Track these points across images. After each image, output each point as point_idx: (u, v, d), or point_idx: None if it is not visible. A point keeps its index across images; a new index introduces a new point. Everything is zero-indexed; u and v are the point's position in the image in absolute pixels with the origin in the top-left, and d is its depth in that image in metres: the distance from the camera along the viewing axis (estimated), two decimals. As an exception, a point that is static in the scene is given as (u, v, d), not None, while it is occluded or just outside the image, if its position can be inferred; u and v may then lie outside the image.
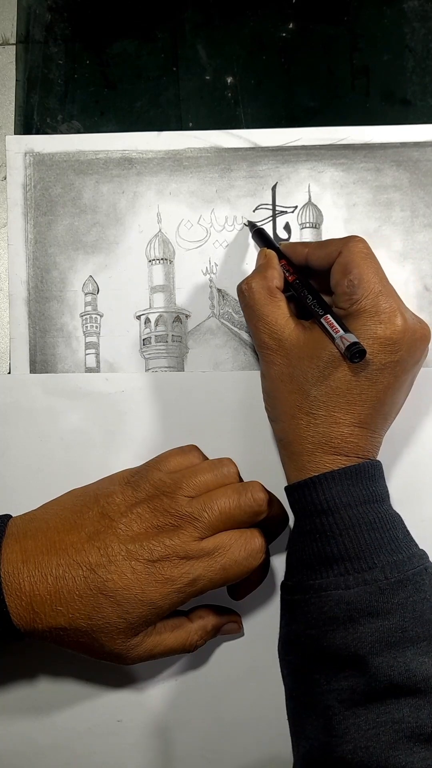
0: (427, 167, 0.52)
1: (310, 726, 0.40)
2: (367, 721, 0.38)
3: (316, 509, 0.42)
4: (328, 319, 0.43)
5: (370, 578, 0.40)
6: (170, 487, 0.43)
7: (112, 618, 0.41)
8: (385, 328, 0.43)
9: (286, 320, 0.46)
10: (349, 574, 0.40)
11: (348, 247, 0.45)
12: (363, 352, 0.42)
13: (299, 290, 0.47)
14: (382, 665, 0.39)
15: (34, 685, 0.49)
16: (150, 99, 0.54)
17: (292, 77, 0.54)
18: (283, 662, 0.44)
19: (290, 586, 0.43)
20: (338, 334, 0.42)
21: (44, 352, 0.52)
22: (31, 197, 0.52)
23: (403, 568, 0.41)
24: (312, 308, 0.45)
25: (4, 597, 0.40)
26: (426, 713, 0.38)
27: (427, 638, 0.40)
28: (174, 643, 0.44)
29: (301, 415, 0.44)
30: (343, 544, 0.41)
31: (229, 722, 0.49)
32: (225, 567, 0.42)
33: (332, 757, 0.39)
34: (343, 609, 0.40)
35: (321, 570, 0.41)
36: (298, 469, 0.44)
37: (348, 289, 0.44)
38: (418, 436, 0.50)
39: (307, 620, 0.41)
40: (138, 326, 0.52)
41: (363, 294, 0.43)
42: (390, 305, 0.43)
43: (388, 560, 0.40)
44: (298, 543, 0.43)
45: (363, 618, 0.39)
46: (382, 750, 0.37)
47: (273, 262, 0.48)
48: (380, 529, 0.41)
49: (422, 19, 0.54)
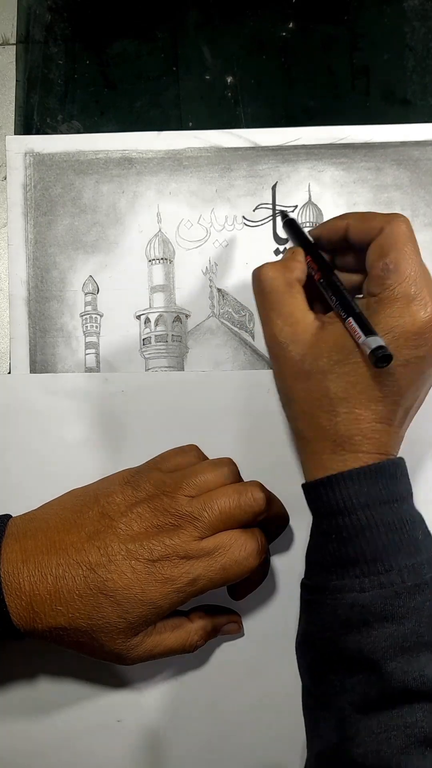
0: (428, 166, 0.52)
1: (324, 724, 0.40)
2: (380, 724, 0.38)
3: (332, 509, 0.41)
4: (350, 323, 0.41)
5: (386, 581, 0.39)
6: (170, 487, 0.43)
7: (112, 618, 0.41)
8: (412, 321, 0.41)
9: (303, 313, 0.44)
10: (365, 576, 0.39)
11: (391, 226, 0.42)
12: (389, 357, 0.39)
13: (325, 290, 0.44)
14: (396, 670, 0.38)
15: (34, 685, 0.49)
16: (150, 99, 0.54)
17: (292, 77, 0.54)
18: (301, 659, 0.43)
19: (309, 585, 0.42)
20: (360, 340, 0.40)
21: (44, 352, 0.52)
22: (31, 197, 0.52)
23: (421, 571, 0.39)
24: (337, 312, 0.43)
25: (4, 597, 0.40)
26: None
27: None
28: (174, 643, 0.44)
29: (320, 413, 0.42)
30: (359, 546, 0.40)
31: (229, 722, 0.49)
32: (225, 567, 0.42)
33: (344, 759, 0.38)
34: (357, 612, 0.39)
35: (337, 571, 0.40)
36: (316, 468, 0.42)
37: (383, 273, 0.42)
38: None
39: (323, 622, 0.40)
40: (138, 326, 0.52)
41: (397, 281, 0.41)
42: (422, 296, 0.41)
43: (405, 563, 0.39)
44: (316, 542, 0.42)
45: (377, 622, 0.39)
46: (394, 754, 0.37)
47: (298, 257, 0.46)
48: (399, 530, 0.40)
49: (422, 19, 0.54)
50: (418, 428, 0.45)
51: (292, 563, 0.49)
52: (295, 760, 0.48)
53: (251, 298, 0.51)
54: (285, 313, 0.44)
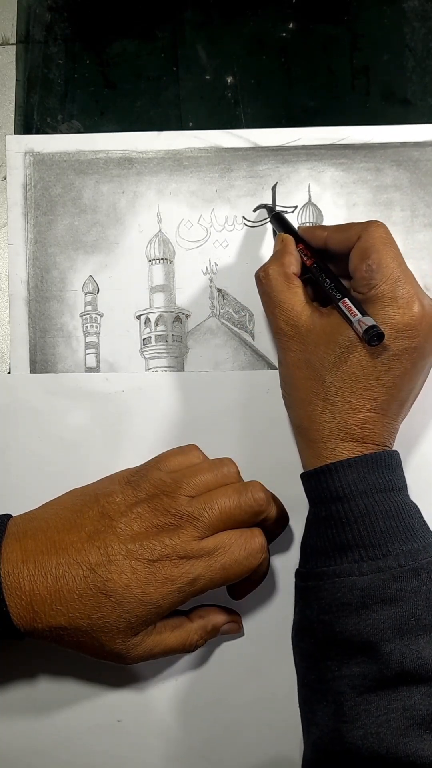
0: (427, 167, 0.52)
1: (321, 712, 0.40)
2: (378, 707, 0.38)
3: (331, 496, 0.42)
4: (345, 303, 0.43)
5: (384, 565, 0.40)
6: (170, 487, 0.43)
7: (112, 617, 0.41)
8: (402, 314, 0.42)
9: (302, 306, 0.46)
10: (363, 561, 0.40)
11: (368, 231, 0.45)
12: (381, 336, 0.41)
13: (317, 274, 0.46)
14: (395, 652, 0.39)
15: (34, 685, 0.49)
16: (150, 99, 0.54)
17: (292, 77, 0.54)
18: (296, 649, 0.44)
19: (304, 572, 0.43)
20: (356, 318, 0.42)
21: (44, 352, 0.52)
22: (31, 197, 0.52)
23: (417, 556, 0.41)
24: (330, 292, 0.45)
25: (4, 596, 0.40)
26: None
27: None
28: (174, 643, 0.44)
29: (318, 401, 0.43)
30: (357, 531, 0.41)
31: (229, 722, 0.49)
32: (225, 567, 0.42)
33: (342, 743, 0.39)
34: (356, 595, 0.40)
35: (335, 556, 0.41)
36: (314, 456, 0.44)
37: (366, 273, 0.43)
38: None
39: (321, 606, 0.41)
40: (138, 326, 0.52)
41: (381, 279, 0.43)
42: (408, 291, 0.43)
43: (402, 548, 0.40)
44: (313, 530, 0.43)
45: (376, 605, 0.39)
46: (393, 736, 0.38)
47: (290, 247, 0.48)
48: (396, 517, 0.41)
49: (422, 19, 0.54)
50: (410, 421, 0.46)
51: (292, 563, 0.49)
52: (295, 760, 0.48)
53: (251, 298, 0.51)
54: (287, 307, 0.46)
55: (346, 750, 0.39)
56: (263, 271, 0.47)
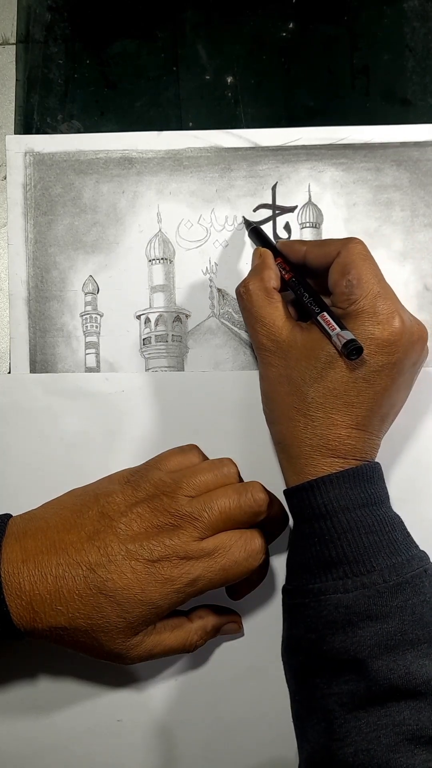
0: (428, 167, 0.52)
1: (312, 729, 0.41)
2: (368, 724, 0.38)
3: (314, 513, 0.42)
4: (324, 317, 0.43)
5: (369, 582, 0.40)
6: (170, 487, 0.43)
7: (112, 618, 0.41)
8: (382, 330, 0.42)
9: (283, 322, 0.46)
10: (348, 577, 0.40)
11: (347, 248, 0.45)
12: (360, 350, 0.41)
13: (296, 288, 0.47)
14: (382, 668, 0.39)
15: (34, 685, 0.49)
16: (150, 99, 0.54)
17: (292, 77, 0.54)
18: (286, 666, 0.44)
19: (290, 590, 0.43)
20: (335, 332, 0.42)
21: (44, 351, 0.52)
22: (31, 197, 0.52)
23: (401, 571, 0.41)
24: (309, 306, 0.45)
25: (5, 597, 0.40)
26: (426, 716, 0.38)
27: (427, 641, 0.40)
28: (174, 643, 0.44)
29: (299, 417, 0.44)
30: (341, 548, 0.41)
31: (230, 722, 0.49)
32: (225, 567, 0.42)
33: (334, 761, 0.39)
34: (342, 613, 0.40)
35: (320, 574, 0.41)
36: (296, 473, 0.44)
37: (346, 289, 0.44)
38: (418, 437, 0.50)
39: (307, 624, 0.41)
40: (138, 326, 0.52)
41: (361, 294, 0.43)
42: (388, 306, 0.43)
43: (386, 563, 0.40)
44: (297, 547, 0.43)
45: (362, 622, 0.39)
46: (383, 753, 0.38)
47: (268, 261, 0.48)
48: (379, 532, 0.41)
49: (422, 19, 0.54)
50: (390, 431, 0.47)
51: (292, 563, 0.49)
52: (294, 760, 0.48)
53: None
54: (267, 322, 0.46)
55: (338, 767, 0.39)
56: (243, 287, 0.47)
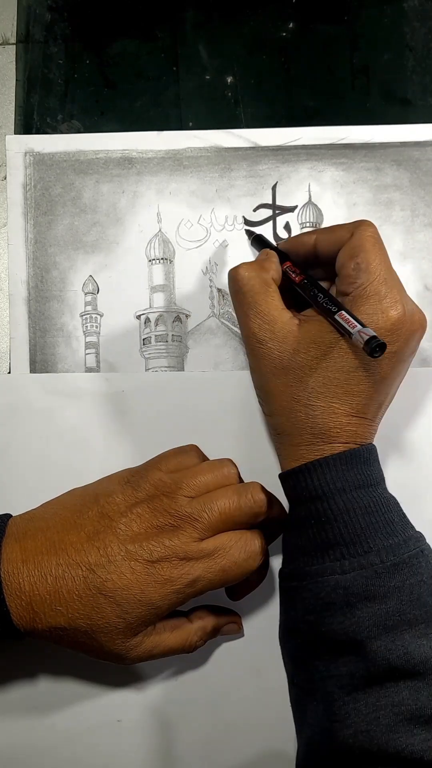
0: (428, 167, 0.52)
1: (312, 712, 0.41)
2: (367, 705, 0.38)
3: (310, 495, 0.42)
4: (343, 315, 0.42)
5: (366, 562, 0.40)
6: (170, 487, 0.43)
7: (112, 618, 0.41)
8: (385, 318, 0.42)
9: (279, 312, 0.45)
10: (345, 558, 0.40)
11: (360, 229, 0.45)
12: (383, 346, 0.40)
13: (308, 290, 0.46)
14: (381, 649, 0.39)
15: (34, 685, 0.49)
16: (150, 99, 0.54)
17: (292, 77, 0.54)
18: (284, 649, 0.44)
19: (287, 572, 0.43)
20: (356, 329, 0.41)
21: (44, 351, 0.52)
22: (31, 197, 0.52)
23: (398, 551, 0.41)
24: (325, 306, 0.44)
25: (5, 597, 0.40)
26: (425, 695, 0.38)
27: (425, 620, 0.40)
28: (174, 644, 0.44)
29: (300, 407, 0.43)
30: (338, 529, 0.41)
31: (230, 722, 0.49)
32: (224, 568, 0.42)
33: (334, 742, 0.39)
34: (340, 594, 0.40)
35: (317, 556, 0.41)
36: (295, 459, 0.44)
37: (353, 272, 0.43)
38: (414, 427, 0.50)
39: (305, 606, 0.41)
40: (138, 326, 0.52)
41: (368, 279, 0.43)
42: (393, 294, 0.43)
43: (383, 544, 0.41)
44: (293, 530, 0.43)
45: (360, 602, 0.40)
46: (383, 733, 0.38)
47: (273, 259, 0.48)
48: (375, 513, 0.41)
49: (422, 19, 0.54)
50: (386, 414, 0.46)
51: (292, 563, 0.49)
52: (294, 760, 0.48)
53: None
54: (262, 311, 0.45)
55: (337, 749, 0.39)
56: (236, 270, 0.46)
